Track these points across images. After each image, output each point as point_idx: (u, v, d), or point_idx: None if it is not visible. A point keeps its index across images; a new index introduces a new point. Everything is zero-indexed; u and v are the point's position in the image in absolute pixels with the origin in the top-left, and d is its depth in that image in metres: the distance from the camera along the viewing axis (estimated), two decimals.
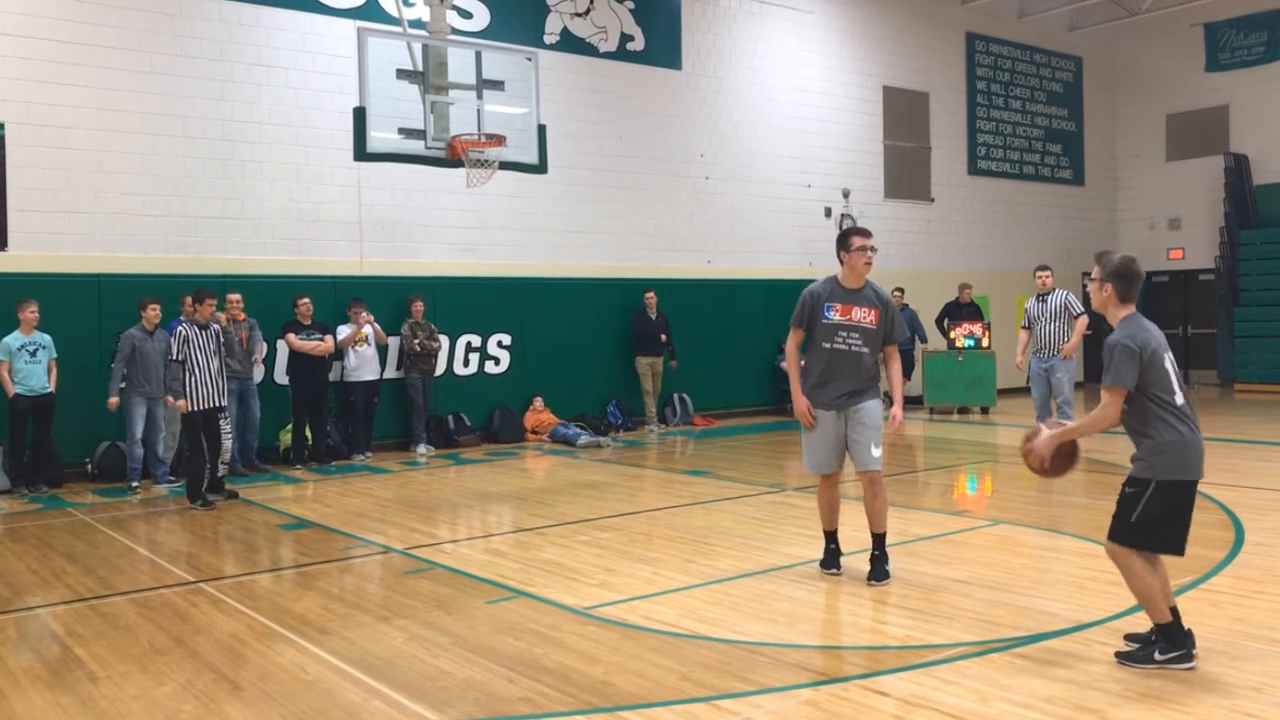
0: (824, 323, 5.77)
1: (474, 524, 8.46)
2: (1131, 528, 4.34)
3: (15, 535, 8.01)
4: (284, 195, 12.24)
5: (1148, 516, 4.31)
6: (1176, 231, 20.80)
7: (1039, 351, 10.75)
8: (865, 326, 5.76)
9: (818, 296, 5.82)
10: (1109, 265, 4.52)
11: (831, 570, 6.03)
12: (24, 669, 4.76)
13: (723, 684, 4.29)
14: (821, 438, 5.85)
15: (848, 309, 5.75)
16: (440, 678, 4.46)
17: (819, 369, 5.82)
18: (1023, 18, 20.17)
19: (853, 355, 5.76)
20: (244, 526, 8.31)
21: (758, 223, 16.45)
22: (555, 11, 14.40)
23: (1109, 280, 4.48)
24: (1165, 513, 4.32)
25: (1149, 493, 4.30)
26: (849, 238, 5.80)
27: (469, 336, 13.28)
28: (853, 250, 5.75)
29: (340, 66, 12.08)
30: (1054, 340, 10.65)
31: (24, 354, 9.80)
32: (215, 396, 9.08)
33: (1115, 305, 4.49)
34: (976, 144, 19.52)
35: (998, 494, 9.28)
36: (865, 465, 5.79)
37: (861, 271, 5.77)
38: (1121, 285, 4.47)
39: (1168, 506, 4.31)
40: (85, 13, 11.04)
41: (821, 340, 5.79)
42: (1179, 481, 4.31)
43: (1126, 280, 4.47)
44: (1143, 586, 4.33)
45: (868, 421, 5.78)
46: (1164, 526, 4.33)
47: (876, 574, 5.78)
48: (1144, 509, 4.31)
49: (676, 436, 13.90)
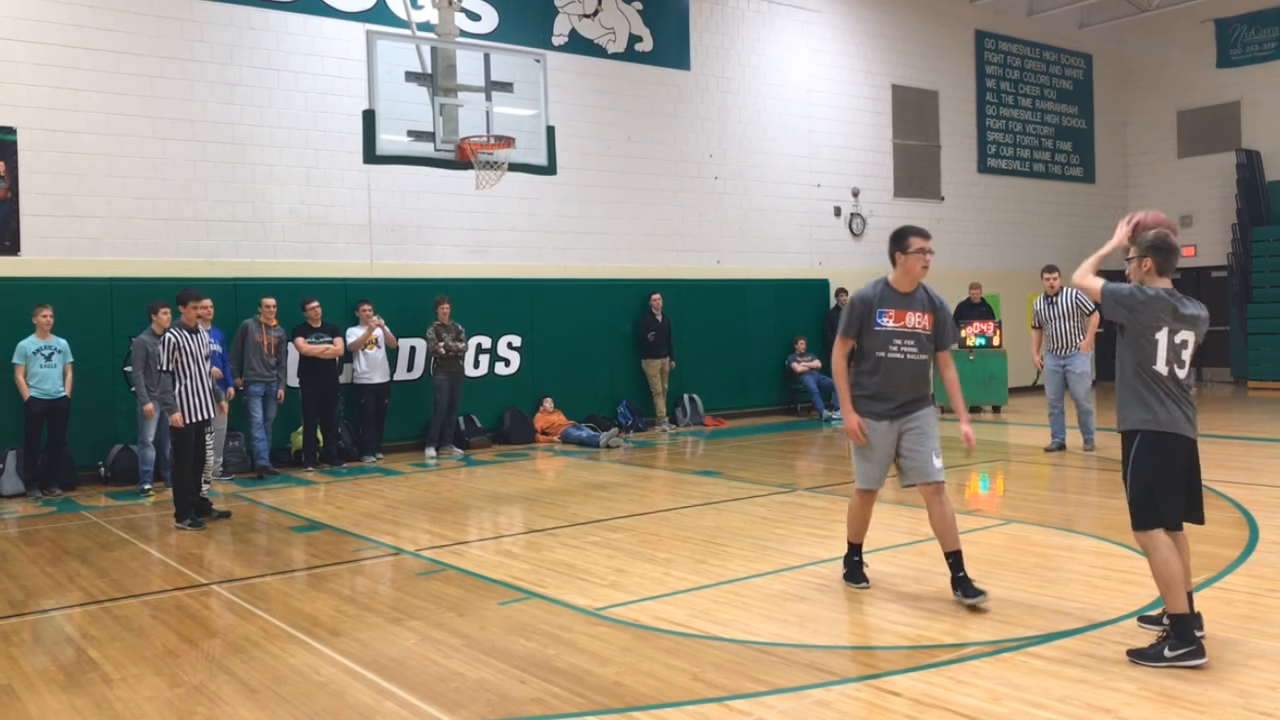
0: (876, 330, 5.36)
1: (485, 525, 8.47)
2: (1134, 504, 4.38)
3: (29, 538, 8.05)
4: (294, 198, 12.28)
5: (1142, 478, 4.33)
6: (1188, 229, 20.69)
7: (1054, 350, 10.78)
8: (919, 332, 5.38)
9: (869, 301, 5.39)
10: (1145, 241, 4.58)
11: (861, 584, 5.70)
12: (39, 671, 4.78)
13: (735, 684, 4.28)
14: (872, 451, 5.48)
15: (901, 314, 5.36)
16: (452, 679, 4.46)
17: (874, 381, 5.42)
18: (1032, 15, 20.10)
19: (909, 364, 5.40)
20: (256, 529, 8.34)
21: (767, 223, 16.43)
22: (563, 13, 14.42)
23: (1147, 255, 4.55)
24: (1155, 469, 4.34)
25: (1135, 448, 4.35)
26: (906, 238, 5.38)
27: (479, 338, 13.30)
28: (910, 252, 5.34)
29: (349, 69, 12.14)
30: (1067, 337, 10.67)
31: (39, 358, 9.86)
32: (207, 407, 8.39)
33: (1154, 279, 4.56)
34: (986, 142, 19.46)
35: (1010, 493, 9.25)
36: (929, 476, 5.37)
37: (917, 275, 5.38)
38: (1159, 258, 4.53)
39: (1155, 462, 4.34)
40: (96, 19, 11.10)
41: (874, 349, 5.39)
42: (1161, 434, 4.35)
43: (1164, 254, 4.54)
44: (1166, 571, 4.32)
45: (928, 430, 5.41)
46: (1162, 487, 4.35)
47: (969, 592, 5.25)
48: (1133, 473, 4.35)
49: (687, 437, 13.90)
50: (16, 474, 10.04)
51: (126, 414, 10.69)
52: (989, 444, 12.58)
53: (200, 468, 8.63)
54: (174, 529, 8.16)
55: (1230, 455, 10.56)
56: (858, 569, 5.80)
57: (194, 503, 8.32)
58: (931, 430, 5.44)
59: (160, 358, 8.29)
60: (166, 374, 8.24)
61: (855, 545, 5.82)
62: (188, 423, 8.24)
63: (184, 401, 8.22)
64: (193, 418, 8.27)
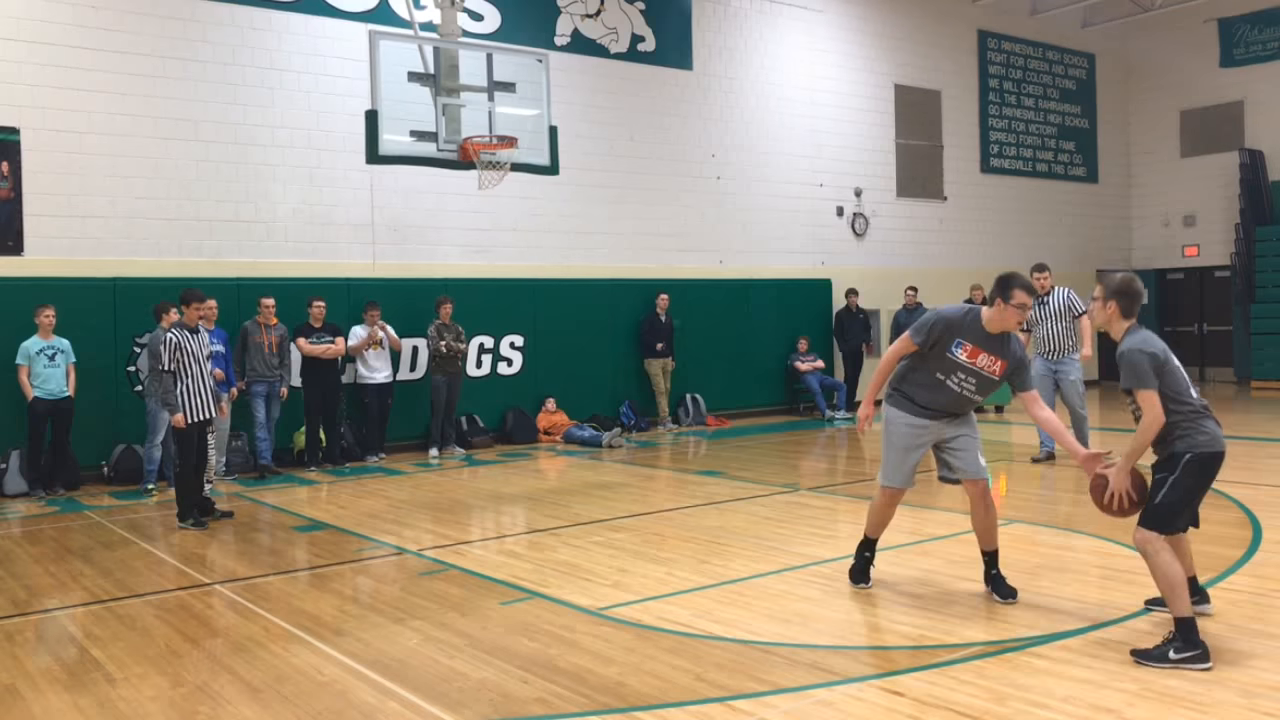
0: (947, 356, 5.32)
1: (488, 525, 8.47)
2: (1165, 510, 4.46)
3: (33, 538, 8.06)
4: (297, 198, 12.28)
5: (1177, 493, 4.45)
6: (1191, 228, 20.68)
7: (1045, 354, 10.15)
8: (986, 375, 5.33)
9: (953, 327, 5.33)
10: (1111, 284, 4.71)
11: (862, 584, 5.69)
12: (42, 671, 4.79)
13: (737, 684, 4.28)
14: (908, 450, 5.48)
15: (976, 352, 5.30)
16: (455, 679, 4.47)
17: (924, 394, 5.43)
18: (1035, 15, 20.09)
19: (962, 398, 5.40)
20: (259, 528, 8.34)
21: (770, 222, 16.42)
22: (566, 13, 14.42)
23: (1112, 298, 4.68)
24: (1195, 485, 4.48)
25: (1183, 464, 4.44)
26: (1014, 290, 5.29)
27: (481, 338, 13.30)
28: (1011, 304, 5.26)
29: (352, 70, 12.14)
30: (1060, 341, 10.10)
31: (43, 358, 9.87)
32: (209, 407, 8.35)
33: (1119, 321, 4.68)
34: (989, 142, 19.45)
35: (1013, 493, 9.24)
36: (978, 474, 5.43)
37: (1010, 327, 5.34)
38: (1124, 302, 4.66)
39: (1198, 479, 4.48)
40: (99, 19, 11.11)
41: (936, 370, 5.37)
42: (1212, 453, 4.48)
43: (1129, 298, 4.66)
44: (1172, 574, 4.38)
45: (966, 431, 5.48)
46: (1189, 501, 4.52)
47: (1002, 591, 5.36)
48: (1174, 484, 4.45)
49: (689, 437, 13.89)
50: (20, 474, 10.04)
51: (129, 414, 10.70)
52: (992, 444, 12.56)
53: (203, 467, 8.62)
54: (177, 529, 8.16)
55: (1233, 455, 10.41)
56: (864, 567, 5.75)
57: (197, 502, 8.32)
58: (976, 430, 5.58)
59: (162, 357, 8.25)
60: (168, 374, 8.20)
61: (870, 540, 5.75)
62: (189, 422, 8.22)
63: (185, 401, 8.19)
64: (194, 418, 8.24)
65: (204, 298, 8.90)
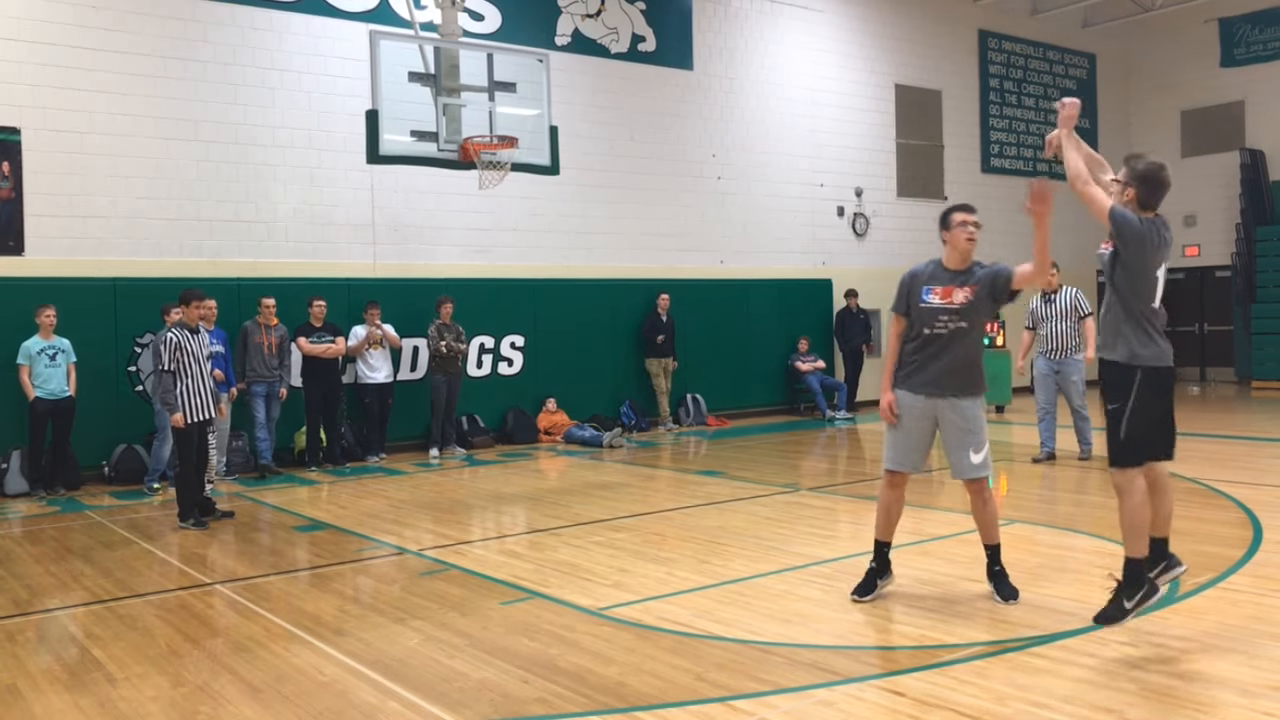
0: (922, 306, 5.30)
1: (488, 525, 8.47)
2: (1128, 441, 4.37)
3: (34, 538, 8.06)
4: (297, 198, 12.29)
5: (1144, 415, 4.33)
6: (1192, 228, 20.67)
7: (1048, 352, 10.18)
8: (965, 306, 5.24)
9: (917, 277, 5.37)
10: (1136, 169, 4.46)
11: (863, 597, 5.42)
12: (43, 670, 4.79)
13: (738, 684, 4.28)
14: (904, 431, 5.37)
15: (948, 291, 5.26)
16: (456, 679, 4.47)
17: (918, 357, 5.34)
18: (1035, 15, 20.09)
19: (955, 341, 5.26)
20: (259, 528, 8.34)
21: (770, 222, 16.42)
22: (566, 13, 14.42)
23: (1133, 184, 4.45)
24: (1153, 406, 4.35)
25: (1135, 389, 4.32)
26: (949, 214, 5.35)
27: (482, 338, 13.31)
28: (954, 227, 5.29)
29: (353, 70, 12.14)
30: (1063, 339, 10.08)
31: (44, 358, 9.87)
32: (209, 407, 8.37)
33: (1136, 210, 4.46)
34: (990, 142, 19.45)
35: (1013, 493, 9.24)
36: (960, 474, 5.38)
37: (965, 250, 5.30)
38: (1144, 190, 4.44)
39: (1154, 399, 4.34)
40: (100, 19, 11.11)
41: (921, 326, 5.31)
42: (1161, 369, 4.36)
43: (1151, 186, 4.43)
44: (1140, 516, 4.31)
45: (969, 426, 5.31)
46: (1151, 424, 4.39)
47: (1002, 590, 5.31)
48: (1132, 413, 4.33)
49: (690, 437, 13.89)
50: (21, 473, 10.05)
51: (130, 414, 10.71)
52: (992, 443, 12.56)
53: (204, 467, 8.62)
54: (177, 528, 8.16)
55: (1234, 455, 10.54)
56: (869, 580, 5.47)
57: (198, 502, 8.32)
58: (973, 425, 5.33)
59: (162, 357, 8.25)
60: (168, 373, 8.20)
61: (881, 544, 5.50)
62: (189, 422, 8.22)
63: (185, 401, 8.18)
64: (194, 417, 8.24)
65: (204, 297, 8.90)
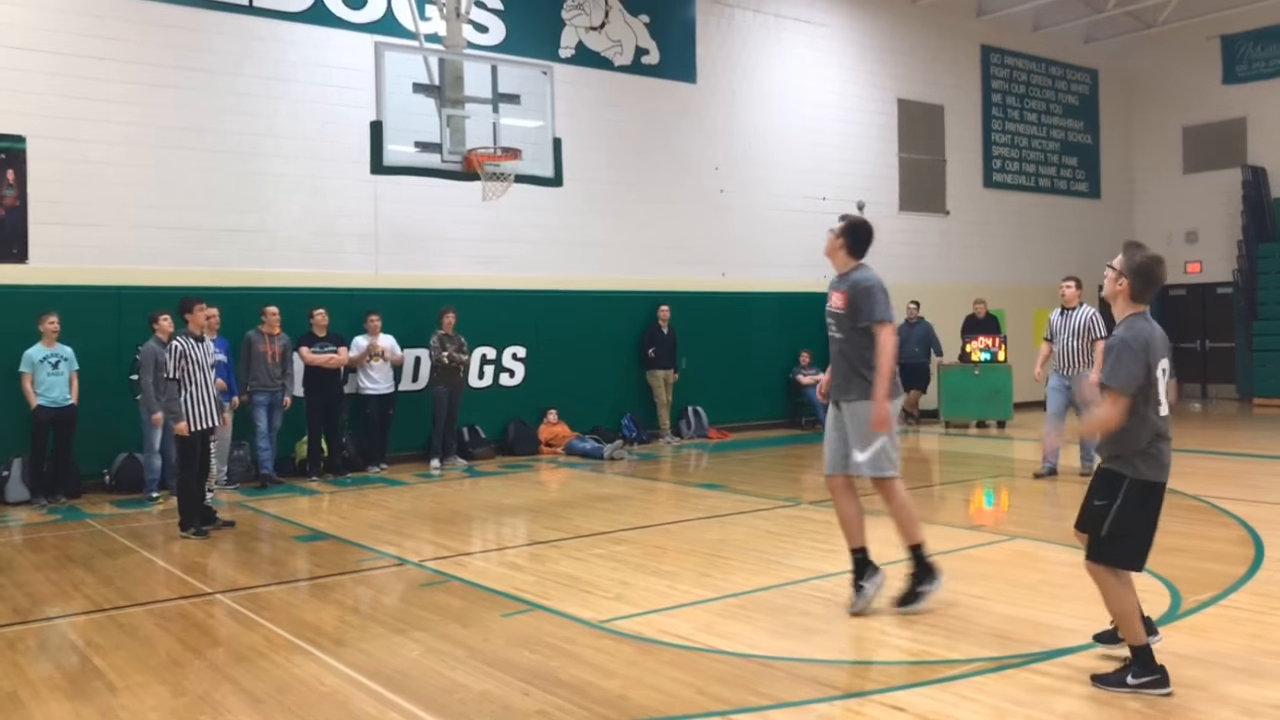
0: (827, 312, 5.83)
1: (489, 536, 8.47)
2: (1104, 541, 4.24)
3: (34, 545, 8.06)
4: (300, 208, 12.31)
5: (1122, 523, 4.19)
6: (1194, 245, 20.70)
7: (1060, 368, 10.18)
8: (836, 312, 5.71)
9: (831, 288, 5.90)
10: (1132, 261, 4.32)
11: (856, 607, 5.46)
12: (44, 679, 4.78)
13: (738, 698, 4.28)
14: (825, 436, 5.82)
15: (832, 295, 5.81)
16: (456, 690, 4.46)
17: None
18: (1038, 30, 20.15)
19: (835, 345, 5.74)
20: (260, 538, 8.34)
21: (772, 235, 16.44)
22: (570, 25, 14.48)
23: (1126, 276, 4.32)
24: (1139, 516, 4.20)
25: (1124, 491, 4.18)
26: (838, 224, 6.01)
27: (484, 349, 13.32)
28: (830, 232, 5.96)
29: (357, 80, 12.15)
30: (1075, 357, 10.08)
31: (46, 366, 9.89)
32: (213, 415, 8.37)
33: (1126, 302, 4.34)
34: (992, 156, 19.50)
35: (1015, 509, 9.24)
36: (846, 469, 5.64)
37: (830, 253, 5.93)
38: (1138, 284, 4.30)
39: (1140, 508, 4.20)
40: (105, 28, 11.16)
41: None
42: (1155, 483, 4.22)
43: (1144, 280, 4.30)
44: (1123, 604, 4.22)
45: (852, 425, 5.56)
46: (1137, 534, 4.22)
47: (902, 598, 5.46)
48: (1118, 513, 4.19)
49: (691, 449, 13.89)
50: (22, 481, 10.05)
51: (132, 422, 10.71)
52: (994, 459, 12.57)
53: (205, 476, 8.62)
54: (178, 537, 8.16)
55: (1236, 472, 10.53)
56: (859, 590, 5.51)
57: (199, 511, 8.32)
58: (857, 425, 5.54)
59: (167, 365, 8.29)
60: (172, 381, 8.22)
61: (853, 551, 5.60)
62: (193, 430, 8.24)
63: (189, 409, 8.19)
64: (198, 425, 8.25)
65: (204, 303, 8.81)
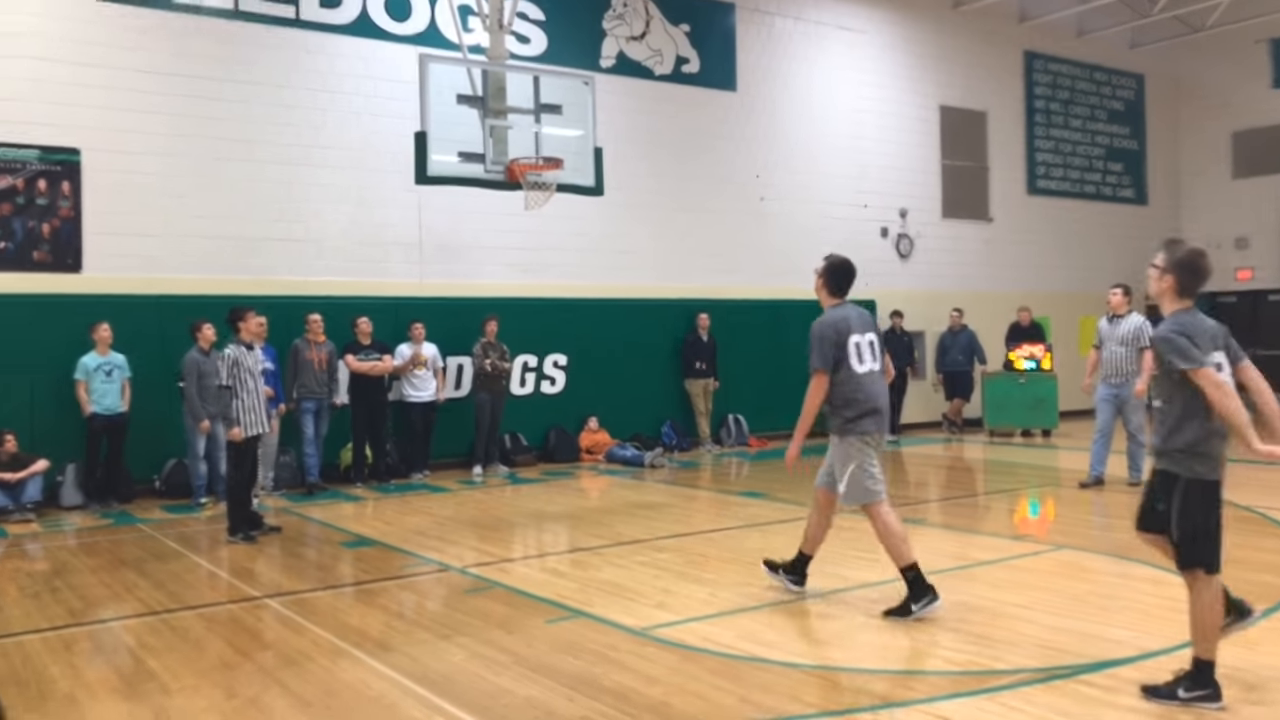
0: None
1: (531, 543, 8.52)
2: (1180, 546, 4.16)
3: (89, 550, 8.23)
4: (346, 218, 12.48)
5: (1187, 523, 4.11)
6: (1244, 251, 20.33)
7: (1108, 376, 10.00)
8: None
9: None
10: (1175, 255, 4.24)
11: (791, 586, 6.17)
12: (99, 679, 4.89)
13: (781, 706, 4.28)
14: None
15: None
16: (501, 695, 4.50)
17: None
18: (1082, 35, 19.92)
19: None
20: (306, 543, 8.46)
21: (813, 243, 16.28)
22: (611, 36, 14.55)
23: (1171, 271, 4.23)
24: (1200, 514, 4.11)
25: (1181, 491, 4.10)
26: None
27: (525, 357, 13.40)
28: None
29: (402, 92, 12.29)
30: (1121, 365, 9.92)
31: (100, 374, 10.10)
32: (263, 422, 8.54)
33: (1172, 298, 4.24)
34: (1035, 163, 19.29)
35: (1061, 518, 9.13)
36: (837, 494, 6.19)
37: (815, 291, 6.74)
38: (1184, 278, 4.20)
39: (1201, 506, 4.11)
40: (157, 43, 11.40)
41: None
42: (1209, 481, 4.13)
43: (1189, 274, 4.20)
44: (1213, 617, 4.16)
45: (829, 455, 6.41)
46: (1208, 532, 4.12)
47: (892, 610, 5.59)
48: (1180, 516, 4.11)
49: (731, 458, 13.87)
50: (76, 486, 10.26)
51: (180, 429, 10.88)
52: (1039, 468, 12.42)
53: (252, 482, 8.76)
54: (226, 542, 8.29)
55: None
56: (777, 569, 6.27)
57: (247, 517, 8.45)
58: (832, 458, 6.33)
59: (220, 372, 8.45)
60: (225, 389, 8.37)
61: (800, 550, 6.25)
62: (245, 437, 8.38)
63: (242, 416, 8.34)
64: (250, 432, 8.39)
65: (254, 312, 8.89)
